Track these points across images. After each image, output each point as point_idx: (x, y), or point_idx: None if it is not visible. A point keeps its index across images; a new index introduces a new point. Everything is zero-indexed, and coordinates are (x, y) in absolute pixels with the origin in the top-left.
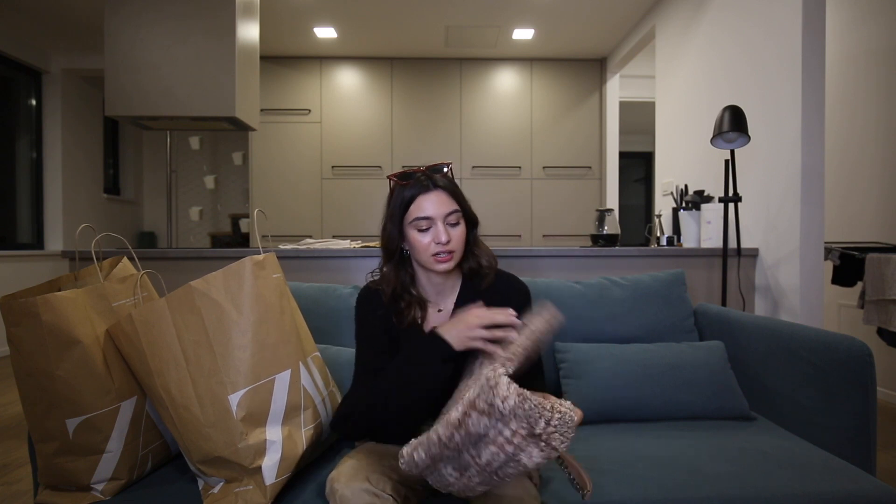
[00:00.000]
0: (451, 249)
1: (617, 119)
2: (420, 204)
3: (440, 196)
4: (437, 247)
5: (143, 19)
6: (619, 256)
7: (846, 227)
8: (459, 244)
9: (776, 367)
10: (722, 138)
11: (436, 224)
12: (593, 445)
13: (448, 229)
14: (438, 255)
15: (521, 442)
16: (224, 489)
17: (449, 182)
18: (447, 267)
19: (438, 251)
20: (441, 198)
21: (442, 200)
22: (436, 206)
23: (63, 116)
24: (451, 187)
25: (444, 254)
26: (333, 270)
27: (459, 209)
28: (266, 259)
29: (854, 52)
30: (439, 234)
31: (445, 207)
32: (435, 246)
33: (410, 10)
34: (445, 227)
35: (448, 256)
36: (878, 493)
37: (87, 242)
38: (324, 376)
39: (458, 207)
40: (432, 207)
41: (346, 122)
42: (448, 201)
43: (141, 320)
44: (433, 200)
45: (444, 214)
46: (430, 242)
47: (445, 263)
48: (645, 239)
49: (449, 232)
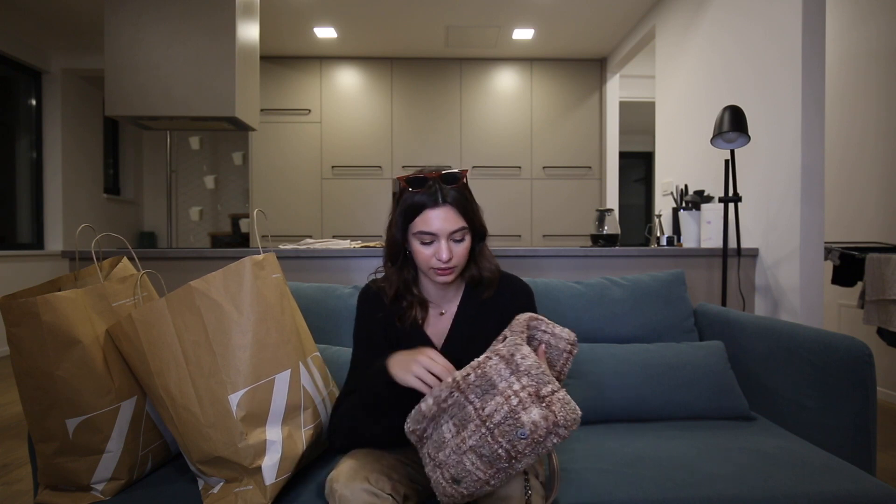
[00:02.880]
0: (451, 266)
1: (617, 119)
2: (426, 217)
3: (448, 212)
4: (438, 262)
5: (143, 19)
6: (619, 256)
7: (846, 227)
8: (461, 260)
9: (776, 367)
10: (722, 138)
11: (439, 241)
12: (593, 445)
13: (452, 246)
14: (438, 270)
15: (526, 398)
16: (224, 489)
17: (460, 195)
18: (446, 280)
19: (439, 267)
20: (448, 214)
21: (449, 217)
22: (442, 222)
23: (63, 116)
24: (462, 201)
25: (443, 269)
26: (333, 270)
27: (467, 226)
28: (266, 259)
29: (854, 52)
30: (441, 252)
31: (451, 224)
32: (436, 261)
33: (410, 10)
34: (449, 244)
35: (448, 272)
36: (878, 493)
37: (87, 242)
38: (324, 376)
39: (465, 224)
40: (438, 223)
41: (346, 122)
42: (455, 218)
43: (141, 320)
44: (440, 216)
45: (450, 232)
46: (432, 256)
47: (444, 277)
48: (645, 239)
49: (452, 249)
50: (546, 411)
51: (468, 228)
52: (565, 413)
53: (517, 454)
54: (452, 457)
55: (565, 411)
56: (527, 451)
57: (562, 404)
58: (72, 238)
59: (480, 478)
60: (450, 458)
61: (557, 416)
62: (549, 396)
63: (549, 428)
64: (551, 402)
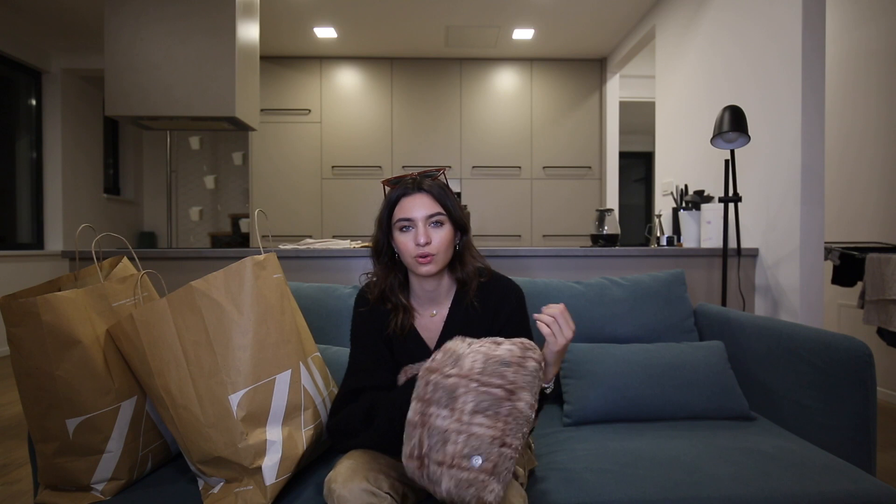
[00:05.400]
0: (430, 252)
1: (617, 119)
2: (403, 205)
3: (423, 199)
4: (417, 248)
5: (143, 19)
6: (619, 256)
7: (846, 227)
8: (441, 247)
9: (776, 367)
10: (722, 138)
11: (417, 225)
12: (593, 445)
13: (428, 231)
14: (419, 257)
15: (490, 344)
16: (224, 489)
17: (436, 186)
18: (428, 270)
19: (418, 253)
20: (424, 200)
21: (424, 203)
22: (417, 207)
23: (63, 116)
24: (438, 191)
25: (424, 255)
26: (333, 270)
27: (444, 212)
28: (266, 259)
29: (854, 52)
30: (419, 236)
31: (427, 209)
32: (415, 248)
33: (410, 10)
34: (426, 229)
35: (429, 259)
36: (878, 493)
37: (87, 242)
38: (324, 376)
39: (441, 210)
40: (414, 209)
41: (346, 122)
42: (431, 203)
43: (141, 320)
44: (416, 203)
45: (426, 216)
46: (412, 243)
47: (426, 266)
48: (645, 239)
49: (429, 233)
50: (512, 344)
51: (446, 215)
52: (528, 342)
53: (512, 385)
54: (460, 437)
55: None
56: (517, 379)
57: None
58: (72, 238)
59: (495, 436)
60: (458, 442)
61: (525, 342)
62: (506, 341)
63: (523, 349)
64: (513, 342)
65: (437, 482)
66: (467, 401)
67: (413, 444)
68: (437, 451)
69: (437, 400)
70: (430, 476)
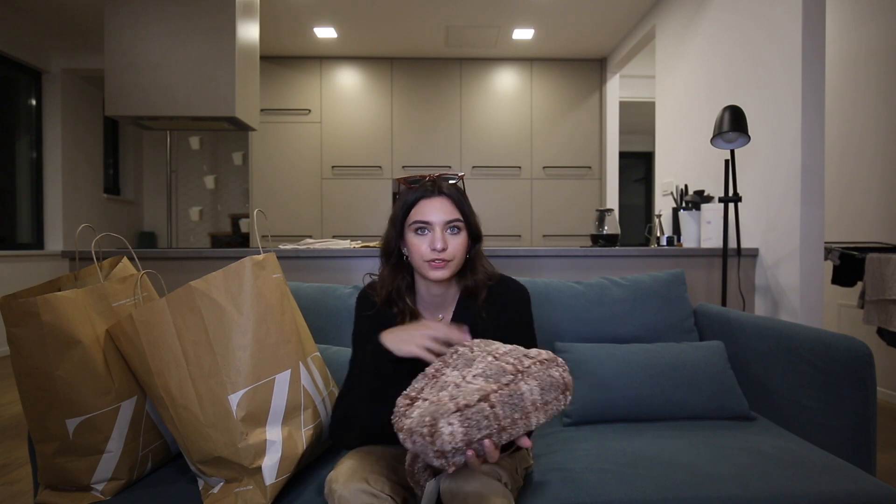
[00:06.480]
0: (446, 258)
1: (617, 119)
2: (422, 208)
3: (442, 203)
4: (433, 253)
5: (143, 19)
6: (619, 256)
7: (846, 227)
8: (456, 253)
9: (776, 367)
10: (722, 138)
11: (434, 230)
12: (593, 445)
13: (446, 237)
14: (433, 262)
15: (538, 370)
16: (224, 489)
17: (456, 190)
18: (441, 275)
19: (433, 258)
20: (444, 204)
21: (444, 207)
22: (437, 211)
23: (63, 116)
24: (457, 196)
25: (438, 261)
26: (333, 270)
27: (462, 219)
28: (266, 259)
29: (854, 52)
30: (435, 241)
31: (447, 214)
32: (430, 252)
33: (410, 10)
34: (443, 234)
35: (442, 264)
36: (878, 493)
37: (87, 242)
38: (324, 376)
39: (460, 217)
40: (433, 213)
41: (346, 122)
42: (451, 209)
43: (141, 320)
44: (436, 206)
45: (445, 221)
46: (427, 246)
47: (439, 271)
48: (645, 239)
49: (447, 239)
50: (545, 351)
51: (463, 223)
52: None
53: (524, 370)
54: (456, 391)
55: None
56: (532, 370)
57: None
58: (72, 238)
59: (482, 389)
60: (451, 392)
61: (559, 359)
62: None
63: (553, 357)
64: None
65: (411, 416)
66: (477, 367)
67: (414, 387)
68: (431, 394)
69: (455, 363)
70: (409, 413)
